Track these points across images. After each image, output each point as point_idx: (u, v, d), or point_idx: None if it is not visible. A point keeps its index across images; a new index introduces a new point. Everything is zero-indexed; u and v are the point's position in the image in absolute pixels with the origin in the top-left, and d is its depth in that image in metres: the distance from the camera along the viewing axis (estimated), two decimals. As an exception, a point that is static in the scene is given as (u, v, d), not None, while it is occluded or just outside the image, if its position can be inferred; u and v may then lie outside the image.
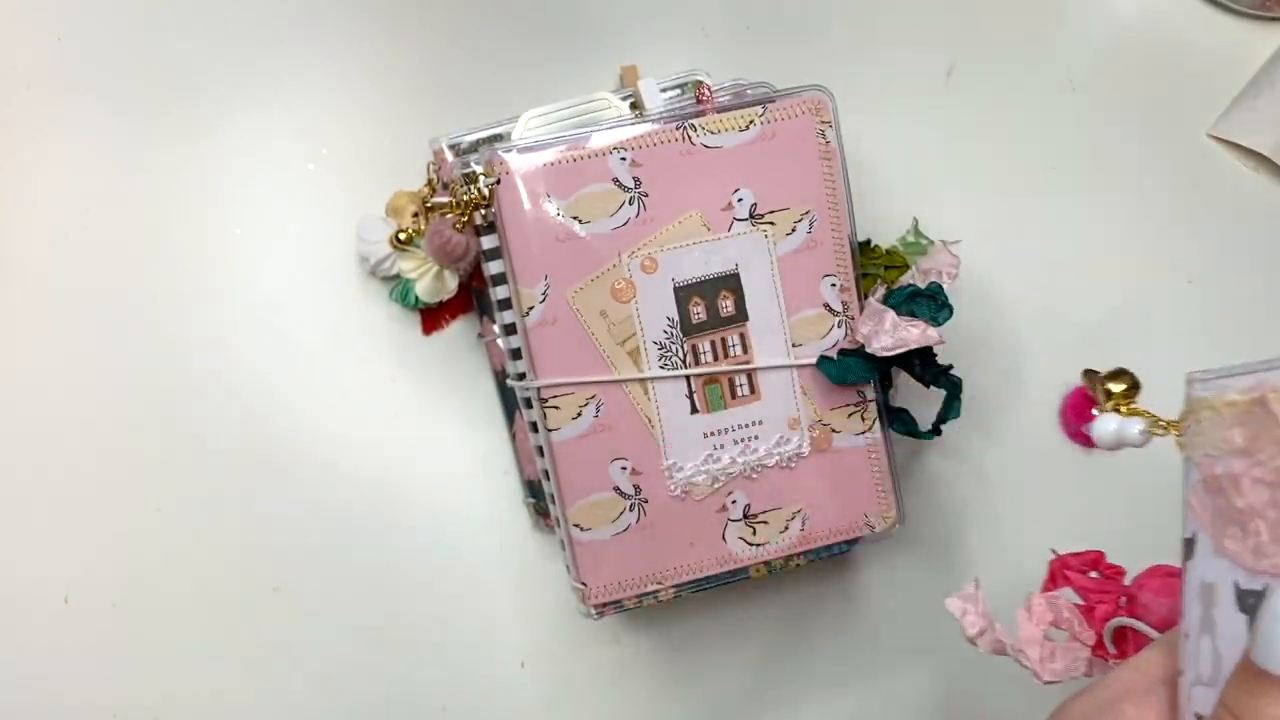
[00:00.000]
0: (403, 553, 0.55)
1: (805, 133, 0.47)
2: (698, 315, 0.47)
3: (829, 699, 0.57)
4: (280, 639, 0.54)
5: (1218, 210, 0.60)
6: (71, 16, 0.54)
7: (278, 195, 0.55)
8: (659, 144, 0.46)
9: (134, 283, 0.54)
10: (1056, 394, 0.58)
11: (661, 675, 0.56)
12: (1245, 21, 0.61)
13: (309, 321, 0.54)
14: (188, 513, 0.54)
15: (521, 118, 0.50)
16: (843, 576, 0.58)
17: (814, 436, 0.49)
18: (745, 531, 0.49)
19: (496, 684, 0.55)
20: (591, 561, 0.48)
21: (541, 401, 0.47)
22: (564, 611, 0.55)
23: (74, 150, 0.54)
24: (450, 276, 0.52)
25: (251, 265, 0.54)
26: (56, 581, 0.53)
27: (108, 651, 0.53)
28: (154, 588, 0.53)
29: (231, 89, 0.55)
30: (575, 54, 0.56)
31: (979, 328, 0.58)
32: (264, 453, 0.54)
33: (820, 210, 0.48)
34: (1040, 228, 0.59)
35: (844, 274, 0.49)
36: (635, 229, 0.46)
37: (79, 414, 0.53)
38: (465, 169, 0.46)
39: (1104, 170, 0.59)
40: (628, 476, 0.48)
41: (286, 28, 0.55)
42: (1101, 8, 0.60)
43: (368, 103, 0.55)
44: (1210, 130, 0.60)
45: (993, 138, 0.59)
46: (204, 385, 0.54)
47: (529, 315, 0.46)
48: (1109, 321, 0.59)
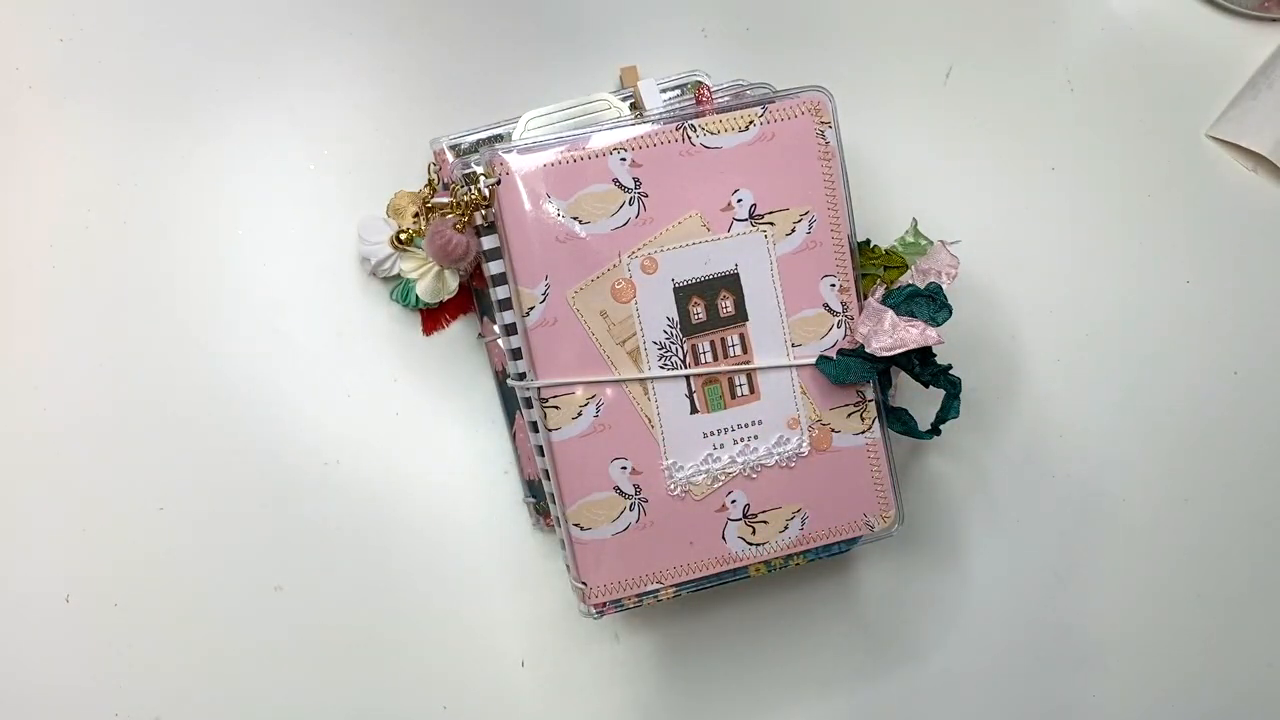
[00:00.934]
0: (403, 552, 0.55)
1: (805, 133, 0.48)
2: (698, 315, 0.47)
3: (828, 698, 0.57)
4: (281, 638, 0.54)
5: (1217, 210, 0.60)
6: (74, 18, 0.54)
7: (279, 196, 0.55)
8: (659, 144, 0.46)
9: (135, 283, 0.54)
10: (1056, 394, 0.59)
11: (661, 674, 0.56)
12: (1244, 22, 0.61)
13: (310, 322, 0.55)
14: (189, 512, 0.54)
15: (522, 118, 0.50)
16: (842, 576, 0.58)
17: (813, 436, 0.49)
18: (745, 531, 0.49)
19: (496, 684, 0.55)
20: (591, 561, 0.48)
21: (541, 401, 0.47)
22: (564, 611, 0.56)
23: (75, 151, 0.54)
24: (451, 277, 0.52)
25: (253, 266, 0.54)
26: (57, 581, 0.53)
27: (109, 651, 0.53)
28: (155, 587, 0.53)
29: (233, 90, 0.55)
30: (575, 55, 0.56)
31: (978, 328, 0.58)
32: (265, 452, 0.54)
33: (820, 210, 0.48)
34: (1040, 228, 0.59)
35: (843, 274, 0.49)
36: (635, 229, 0.47)
37: (80, 414, 0.53)
38: (466, 169, 0.46)
39: (1104, 170, 0.60)
40: (628, 476, 0.48)
41: (288, 29, 0.55)
42: (1100, 8, 0.60)
43: (369, 104, 0.55)
44: (1210, 130, 0.60)
45: (992, 138, 0.59)
46: (205, 385, 0.54)
47: (529, 315, 0.46)
48: (1108, 321, 0.59)
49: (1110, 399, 0.59)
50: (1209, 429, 0.60)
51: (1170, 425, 0.59)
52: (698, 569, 0.49)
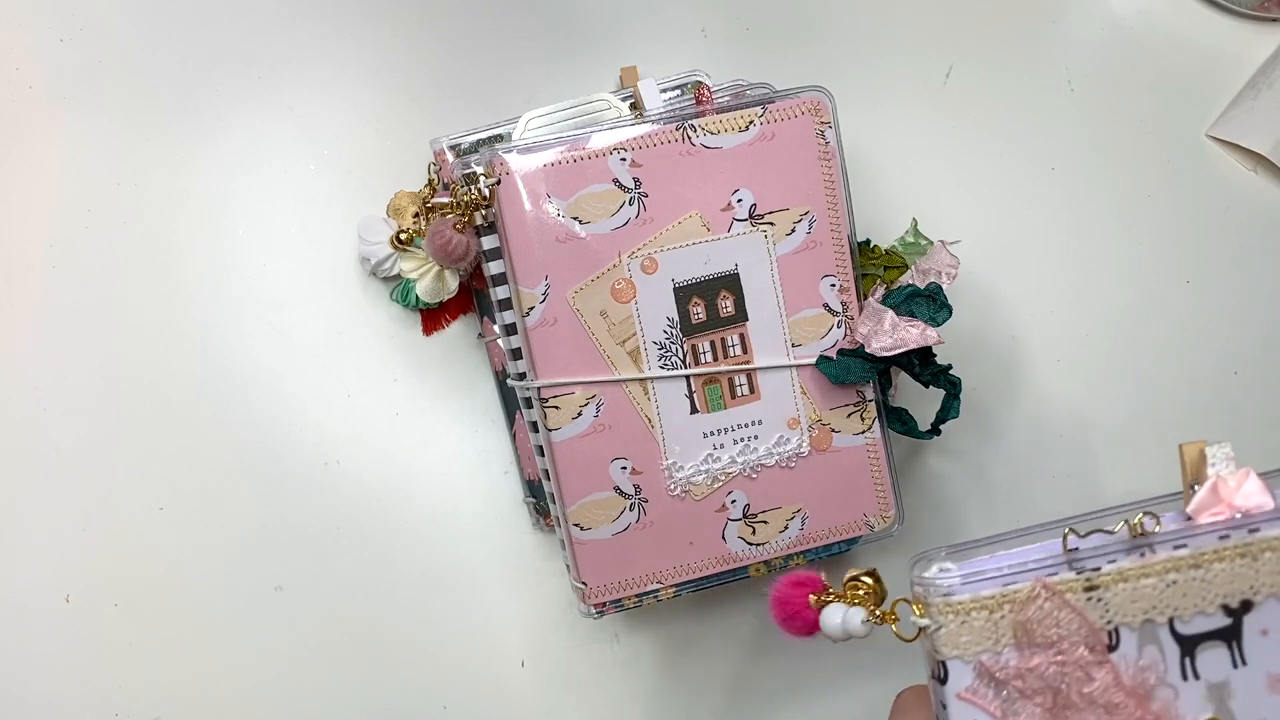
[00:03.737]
0: (403, 552, 0.55)
1: (805, 133, 0.48)
2: (697, 315, 0.47)
3: (828, 698, 0.57)
4: (281, 638, 0.54)
5: (1217, 210, 0.60)
6: (74, 18, 0.54)
7: (279, 196, 0.55)
8: (659, 144, 0.46)
9: (135, 283, 0.54)
10: (1056, 394, 0.59)
11: (661, 674, 0.56)
12: (1244, 21, 0.61)
13: (310, 322, 0.55)
14: (189, 512, 0.54)
15: (522, 118, 0.50)
16: (842, 576, 0.58)
17: (813, 436, 0.49)
18: (745, 531, 0.49)
19: (496, 684, 0.55)
20: (591, 561, 0.48)
21: (541, 401, 0.47)
22: (564, 611, 0.56)
23: (75, 151, 0.54)
24: (451, 277, 0.52)
25: (253, 266, 0.54)
26: (57, 581, 0.53)
27: (109, 651, 0.53)
28: (155, 587, 0.53)
29: (234, 91, 0.55)
30: (575, 55, 0.56)
31: (978, 328, 0.58)
32: (265, 452, 0.54)
33: (819, 210, 0.48)
34: (1040, 228, 0.59)
35: (843, 274, 0.49)
36: (635, 229, 0.47)
37: (80, 414, 0.53)
38: (466, 169, 0.46)
39: (1103, 170, 0.60)
40: (628, 476, 0.48)
41: (288, 29, 0.55)
42: (1100, 8, 0.60)
43: (368, 103, 0.55)
44: (1209, 130, 0.60)
45: (992, 138, 0.59)
46: (206, 385, 0.54)
47: (529, 315, 0.46)
48: (1108, 321, 0.59)
49: (1110, 399, 0.59)
50: (1209, 429, 0.60)
51: (1170, 425, 0.59)
52: (698, 569, 0.49)
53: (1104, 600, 0.34)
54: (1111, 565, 0.34)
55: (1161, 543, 0.35)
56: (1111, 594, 0.34)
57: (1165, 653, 0.35)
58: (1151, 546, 0.34)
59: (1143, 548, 0.34)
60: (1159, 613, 0.34)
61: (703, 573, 0.49)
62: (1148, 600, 0.34)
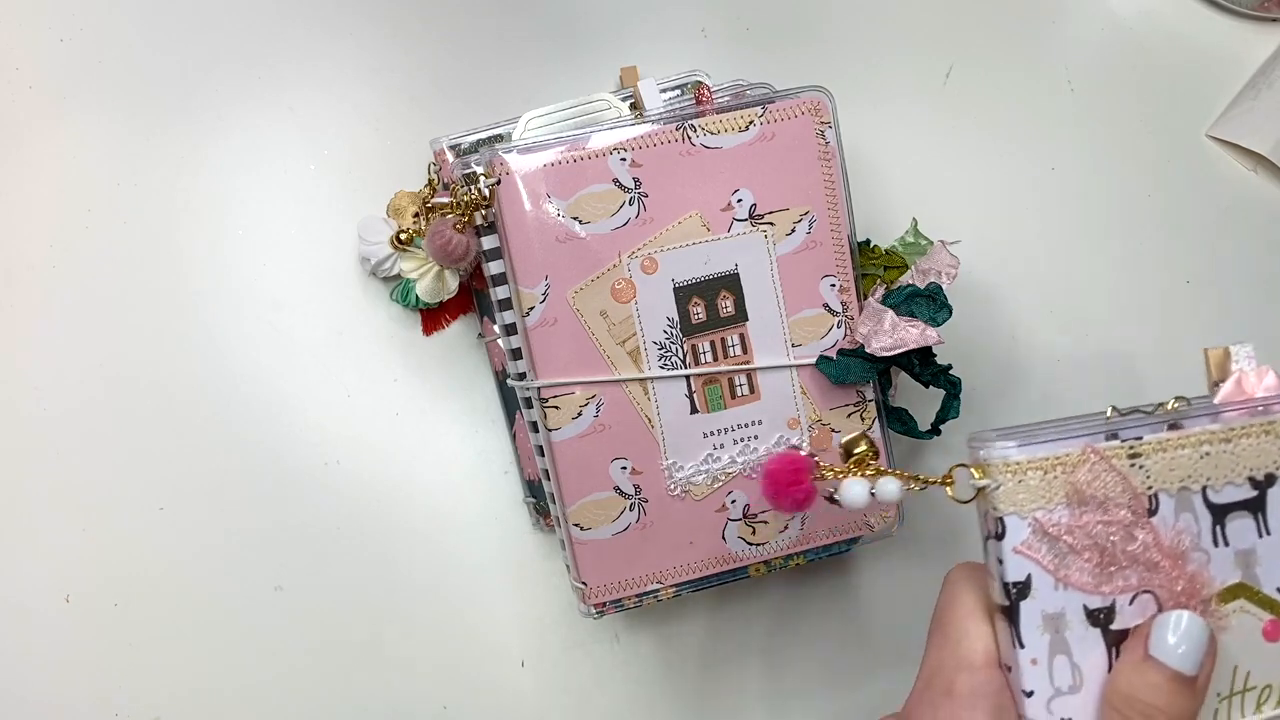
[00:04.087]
0: (403, 552, 0.55)
1: (804, 133, 0.48)
2: (697, 315, 0.47)
3: (828, 698, 0.57)
4: (281, 638, 0.54)
5: (1217, 210, 0.60)
6: (74, 18, 0.54)
7: (279, 196, 0.55)
8: (659, 144, 0.46)
9: (135, 283, 0.54)
10: (1055, 394, 0.59)
11: (661, 674, 0.56)
12: (1244, 21, 0.61)
13: (310, 322, 0.55)
14: (189, 512, 0.54)
15: (522, 118, 0.50)
16: (842, 576, 0.58)
17: (813, 436, 0.49)
18: (745, 531, 0.49)
19: (496, 684, 0.55)
20: (591, 561, 0.48)
21: (541, 401, 0.47)
22: (564, 611, 0.56)
23: (75, 151, 0.54)
24: (451, 277, 0.52)
25: (253, 266, 0.54)
26: (57, 581, 0.53)
27: (109, 651, 0.53)
28: (155, 587, 0.53)
29: (233, 90, 0.55)
30: (575, 55, 0.56)
31: (978, 328, 0.58)
32: (265, 452, 0.54)
33: (819, 210, 0.48)
34: (1040, 228, 0.59)
35: (843, 274, 0.49)
36: (635, 229, 0.47)
37: (80, 414, 0.53)
38: (466, 169, 0.46)
39: (1103, 170, 0.60)
40: (628, 476, 0.48)
41: (288, 29, 0.55)
42: (1100, 8, 0.60)
43: (369, 103, 0.55)
44: (1210, 130, 0.60)
45: (992, 138, 0.59)
46: (206, 385, 0.54)
47: (529, 315, 0.46)
48: (1108, 321, 0.59)
49: (1110, 399, 0.59)
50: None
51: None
52: (698, 569, 0.49)
53: (1145, 467, 0.38)
54: (1153, 435, 0.38)
55: (1193, 418, 0.38)
56: (1152, 461, 0.38)
57: (1199, 520, 0.38)
58: (1184, 424, 0.38)
59: (1177, 422, 0.38)
60: (1194, 480, 0.38)
61: (703, 573, 0.49)
62: (1184, 469, 0.38)
